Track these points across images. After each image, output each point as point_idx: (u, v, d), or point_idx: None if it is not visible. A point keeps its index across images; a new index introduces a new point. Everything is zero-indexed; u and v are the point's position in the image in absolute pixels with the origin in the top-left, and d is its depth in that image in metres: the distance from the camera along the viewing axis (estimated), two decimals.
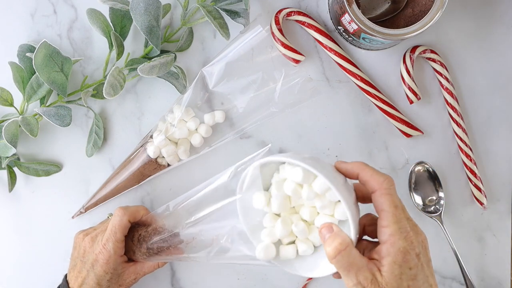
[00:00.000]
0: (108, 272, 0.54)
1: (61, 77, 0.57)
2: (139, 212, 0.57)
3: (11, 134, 0.56)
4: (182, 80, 0.62)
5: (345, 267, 0.40)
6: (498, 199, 0.63)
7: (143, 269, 0.57)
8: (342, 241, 0.40)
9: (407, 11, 0.58)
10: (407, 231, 0.41)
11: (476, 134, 0.63)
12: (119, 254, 0.55)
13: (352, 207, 0.42)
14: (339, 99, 0.63)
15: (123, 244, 0.55)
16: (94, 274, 0.54)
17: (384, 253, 0.40)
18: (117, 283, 0.56)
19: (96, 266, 0.54)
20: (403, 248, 0.40)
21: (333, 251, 0.40)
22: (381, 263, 0.40)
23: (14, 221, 0.64)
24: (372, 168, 0.43)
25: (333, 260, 0.40)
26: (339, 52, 0.61)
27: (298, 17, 0.61)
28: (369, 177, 0.42)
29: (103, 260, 0.54)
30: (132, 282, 0.57)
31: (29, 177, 0.64)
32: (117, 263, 0.55)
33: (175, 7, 0.62)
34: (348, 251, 0.40)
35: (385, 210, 0.41)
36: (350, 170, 0.44)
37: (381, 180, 0.42)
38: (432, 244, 0.62)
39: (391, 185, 0.42)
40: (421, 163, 0.62)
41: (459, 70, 0.63)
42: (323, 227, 0.43)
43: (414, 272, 0.40)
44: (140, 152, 0.61)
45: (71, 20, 0.63)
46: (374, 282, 0.40)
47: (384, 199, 0.41)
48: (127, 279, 0.56)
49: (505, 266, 0.63)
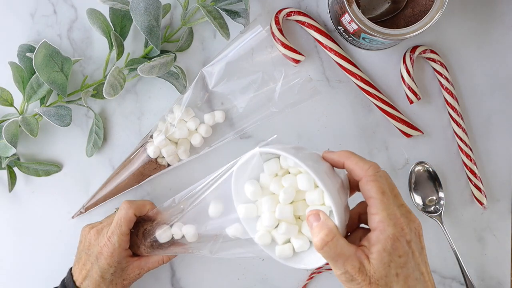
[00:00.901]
0: (112, 265, 0.54)
1: (61, 77, 0.57)
2: (145, 206, 0.57)
3: (11, 134, 0.56)
4: (182, 80, 0.62)
5: (332, 257, 0.40)
6: (498, 199, 0.63)
7: (147, 264, 0.57)
8: (329, 232, 0.40)
9: (407, 11, 0.58)
10: (396, 218, 0.40)
11: (476, 134, 0.63)
12: (124, 248, 0.55)
13: (336, 195, 0.41)
14: (339, 99, 0.63)
15: (128, 237, 0.55)
16: (98, 266, 0.54)
17: (373, 240, 0.40)
18: (120, 277, 0.56)
19: (101, 258, 0.54)
20: (393, 235, 0.39)
21: (320, 242, 0.40)
22: (370, 251, 0.40)
23: (14, 221, 0.64)
24: (357, 156, 0.43)
25: (320, 251, 0.40)
26: (339, 52, 0.61)
27: (298, 17, 0.61)
28: (354, 165, 0.42)
29: (107, 253, 0.54)
30: (136, 277, 0.57)
31: (29, 177, 0.64)
32: (121, 257, 0.54)
33: (175, 7, 0.62)
34: (334, 242, 0.40)
35: (373, 197, 0.40)
36: (336, 159, 0.43)
37: (366, 167, 0.41)
38: (432, 244, 0.63)
39: (377, 171, 0.41)
40: (421, 163, 0.62)
41: (459, 70, 0.63)
42: (310, 214, 0.42)
43: (403, 260, 0.40)
44: (140, 152, 0.61)
45: (71, 20, 0.63)
46: (361, 270, 0.39)
47: (370, 186, 0.41)
48: (131, 273, 0.56)
49: (505, 266, 0.63)
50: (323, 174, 0.42)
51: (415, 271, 0.40)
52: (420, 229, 0.42)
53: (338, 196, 0.42)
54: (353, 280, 0.40)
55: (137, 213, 0.56)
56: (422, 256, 0.41)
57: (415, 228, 0.41)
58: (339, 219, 0.41)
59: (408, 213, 0.42)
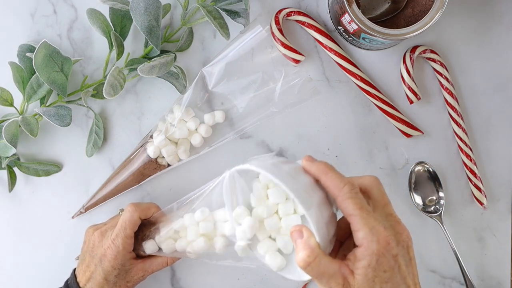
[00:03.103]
0: (116, 267, 0.54)
1: (61, 77, 0.57)
2: (150, 209, 0.56)
3: (11, 134, 0.56)
4: (182, 80, 0.62)
5: (316, 276, 0.40)
6: (498, 199, 0.63)
7: (151, 266, 0.57)
8: (310, 253, 0.39)
9: (407, 11, 0.58)
10: (379, 233, 0.39)
11: (476, 134, 0.63)
12: (128, 250, 0.54)
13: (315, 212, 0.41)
14: (339, 99, 0.63)
15: (132, 240, 0.55)
16: (102, 269, 0.54)
17: (358, 256, 0.40)
18: (124, 279, 0.55)
19: (104, 261, 0.54)
20: (377, 251, 0.39)
21: (302, 264, 0.40)
22: (355, 266, 0.40)
23: (14, 221, 0.64)
24: (334, 172, 0.42)
25: (304, 270, 0.40)
26: (339, 52, 0.61)
27: (298, 17, 0.61)
28: (329, 183, 0.42)
29: (111, 255, 0.54)
30: (140, 279, 0.57)
31: (29, 177, 0.64)
32: (125, 259, 0.54)
33: (175, 7, 0.62)
34: (317, 262, 0.39)
35: (352, 214, 0.40)
36: (313, 173, 0.43)
37: (341, 186, 0.41)
38: (432, 244, 0.63)
39: (352, 189, 0.41)
40: (421, 163, 0.62)
41: (459, 70, 0.63)
42: (294, 230, 0.41)
43: (388, 275, 0.39)
44: (140, 152, 0.61)
45: (71, 20, 0.63)
46: (346, 286, 0.39)
47: (347, 203, 0.40)
48: (135, 275, 0.56)
49: (505, 266, 0.63)
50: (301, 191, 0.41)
51: (400, 285, 0.40)
52: (408, 240, 0.41)
53: (319, 212, 0.41)
54: None
55: (142, 216, 0.55)
56: (409, 268, 0.41)
57: (403, 240, 0.41)
58: (320, 236, 0.40)
59: (397, 224, 0.41)
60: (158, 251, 0.55)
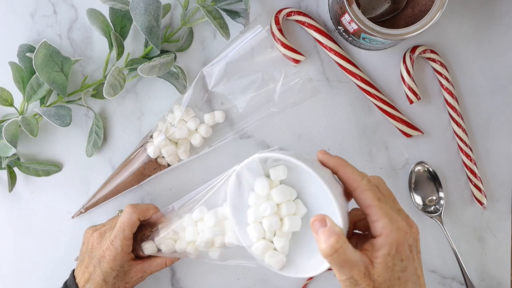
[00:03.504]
0: (114, 269, 0.54)
1: (61, 77, 0.57)
2: (149, 210, 0.56)
3: (11, 134, 0.56)
4: (182, 80, 0.62)
5: (340, 263, 0.40)
6: (498, 199, 0.63)
7: (150, 267, 0.57)
8: (338, 239, 0.39)
9: (407, 11, 0.58)
10: (398, 222, 0.41)
11: (476, 134, 0.63)
12: (126, 252, 0.54)
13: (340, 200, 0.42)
14: (339, 99, 0.63)
15: (130, 242, 0.55)
16: (100, 270, 0.54)
17: (378, 245, 0.40)
18: (123, 280, 0.55)
19: (103, 262, 0.54)
20: (397, 240, 0.40)
21: (330, 249, 0.39)
22: (375, 255, 0.40)
23: (14, 221, 0.64)
24: (350, 166, 0.43)
25: (328, 258, 0.40)
26: (339, 52, 0.61)
27: (298, 17, 0.61)
28: (348, 175, 0.43)
29: (109, 257, 0.54)
30: (139, 280, 0.57)
31: (29, 177, 0.64)
32: (123, 261, 0.54)
33: (175, 7, 0.62)
34: (344, 249, 0.39)
35: (371, 205, 0.41)
36: (331, 166, 0.44)
37: (359, 178, 0.42)
38: (432, 244, 0.63)
39: (369, 182, 0.42)
40: (421, 163, 0.62)
41: (459, 70, 0.63)
42: (315, 220, 0.41)
43: (405, 264, 0.40)
44: (140, 152, 0.61)
45: (71, 20, 0.63)
46: (366, 275, 0.40)
47: (366, 195, 0.41)
48: (133, 276, 0.56)
49: (505, 266, 0.63)
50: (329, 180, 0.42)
51: (413, 275, 0.41)
52: (417, 233, 0.42)
53: (343, 201, 0.42)
54: (358, 285, 0.40)
55: (140, 218, 0.55)
56: (419, 259, 0.42)
57: (414, 233, 0.42)
58: (344, 224, 0.41)
59: (407, 218, 0.42)
60: (157, 252, 0.55)
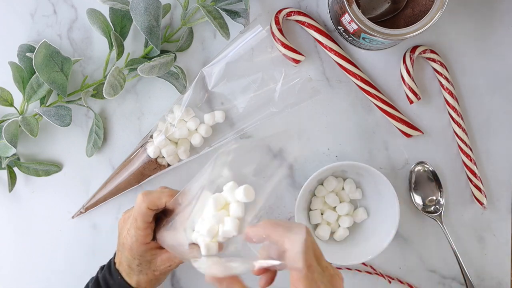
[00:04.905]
0: (135, 257, 0.53)
1: (61, 77, 0.57)
2: (160, 199, 0.52)
3: (11, 134, 0.56)
4: (182, 80, 0.62)
5: None
6: (498, 199, 0.63)
7: (177, 258, 0.54)
8: None
9: (407, 11, 0.58)
10: None
11: (476, 134, 0.63)
12: (142, 242, 0.52)
13: None
14: (339, 99, 0.63)
15: (146, 231, 0.52)
16: (124, 256, 0.54)
17: None
18: (149, 268, 0.54)
19: (124, 249, 0.54)
20: None
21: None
22: None
23: (14, 221, 0.64)
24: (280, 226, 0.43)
25: None
26: (339, 52, 0.61)
27: (298, 17, 0.61)
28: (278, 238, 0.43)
29: (127, 245, 0.53)
30: (168, 269, 0.54)
31: (29, 177, 0.64)
32: (141, 250, 0.53)
33: (175, 7, 0.62)
34: None
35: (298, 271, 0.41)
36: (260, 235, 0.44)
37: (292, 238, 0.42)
38: (432, 244, 0.63)
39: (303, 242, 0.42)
40: (421, 163, 0.62)
41: (459, 70, 0.63)
42: None
43: None
44: (140, 152, 0.61)
45: (71, 20, 0.63)
46: None
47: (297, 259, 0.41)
48: (161, 265, 0.54)
49: (505, 266, 0.63)
50: None
51: None
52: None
53: None
54: None
55: (151, 207, 0.52)
56: None
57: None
58: None
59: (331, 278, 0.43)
60: None
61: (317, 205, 0.61)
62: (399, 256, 0.63)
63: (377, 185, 0.59)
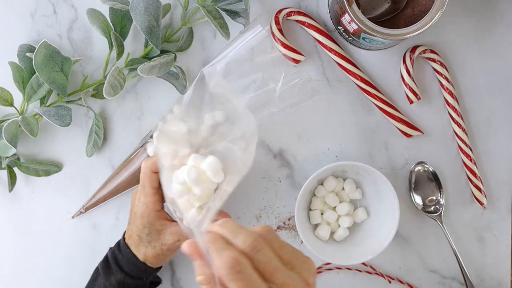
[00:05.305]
0: (145, 226, 0.53)
1: (61, 77, 0.57)
2: None
3: (11, 134, 0.56)
4: (182, 80, 0.62)
5: None
6: (498, 199, 0.63)
7: None
8: None
9: (407, 11, 0.58)
10: None
11: (476, 134, 0.63)
12: (153, 209, 0.53)
13: None
14: (339, 99, 0.63)
15: (154, 197, 0.53)
16: (135, 226, 0.54)
17: None
18: (158, 240, 0.54)
19: (135, 219, 0.54)
20: None
21: None
22: None
23: (14, 221, 0.64)
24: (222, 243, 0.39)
25: None
26: (339, 52, 0.61)
27: (298, 17, 0.61)
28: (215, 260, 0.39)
29: (139, 213, 0.54)
30: (176, 245, 0.54)
31: (29, 177, 0.64)
32: (151, 217, 0.53)
33: (175, 7, 0.62)
34: None
35: None
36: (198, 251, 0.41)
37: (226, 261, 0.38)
38: (432, 244, 0.63)
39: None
40: (421, 163, 0.62)
41: (459, 70, 0.63)
42: None
43: None
44: (140, 152, 0.61)
45: (71, 20, 0.63)
46: None
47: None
48: (169, 239, 0.54)
49: (505, 266, 0.63)
50: None
51: None
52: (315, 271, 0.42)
53: None
54: None
55: (154, 170, 0.52)
56: None
57: None
58: None
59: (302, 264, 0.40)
60: None
61: (317, 205, 0.61)
62: (399, 256, 0.63)
63: (377, 185, 0.59)
